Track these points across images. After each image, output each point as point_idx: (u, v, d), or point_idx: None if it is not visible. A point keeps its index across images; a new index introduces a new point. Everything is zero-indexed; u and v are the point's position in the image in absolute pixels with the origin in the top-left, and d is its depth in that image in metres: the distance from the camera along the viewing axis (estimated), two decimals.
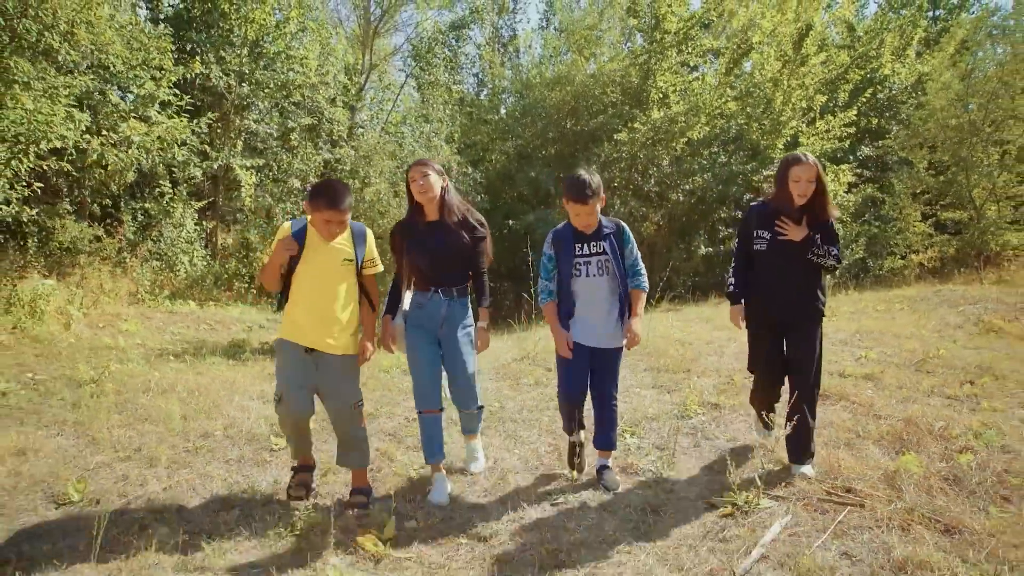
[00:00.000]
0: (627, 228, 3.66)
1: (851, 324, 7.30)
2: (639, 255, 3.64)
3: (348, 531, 3.05)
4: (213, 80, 10.33)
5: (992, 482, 3.37)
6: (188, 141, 8.33)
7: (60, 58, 6.30)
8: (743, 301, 3.74)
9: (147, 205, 10.31)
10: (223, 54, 10.55)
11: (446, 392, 3.63)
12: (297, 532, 3.05)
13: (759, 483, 3.27)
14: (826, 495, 3.29)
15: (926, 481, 3.35)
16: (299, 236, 3.25)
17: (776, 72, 12.35)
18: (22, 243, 6.98)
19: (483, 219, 3.61)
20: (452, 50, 13.34)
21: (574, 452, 3.69)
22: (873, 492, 3.26)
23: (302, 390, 3.21)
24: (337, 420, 3.32)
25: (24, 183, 6.02)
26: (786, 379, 3.70)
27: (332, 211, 3.14)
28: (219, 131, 9.77)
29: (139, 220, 10.15)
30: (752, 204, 3.84)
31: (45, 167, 6.35)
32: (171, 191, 10.08)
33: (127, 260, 8.91)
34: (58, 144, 5.93)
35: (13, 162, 5.76)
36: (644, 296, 3.63)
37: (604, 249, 3.54)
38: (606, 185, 12.75)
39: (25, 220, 6.37)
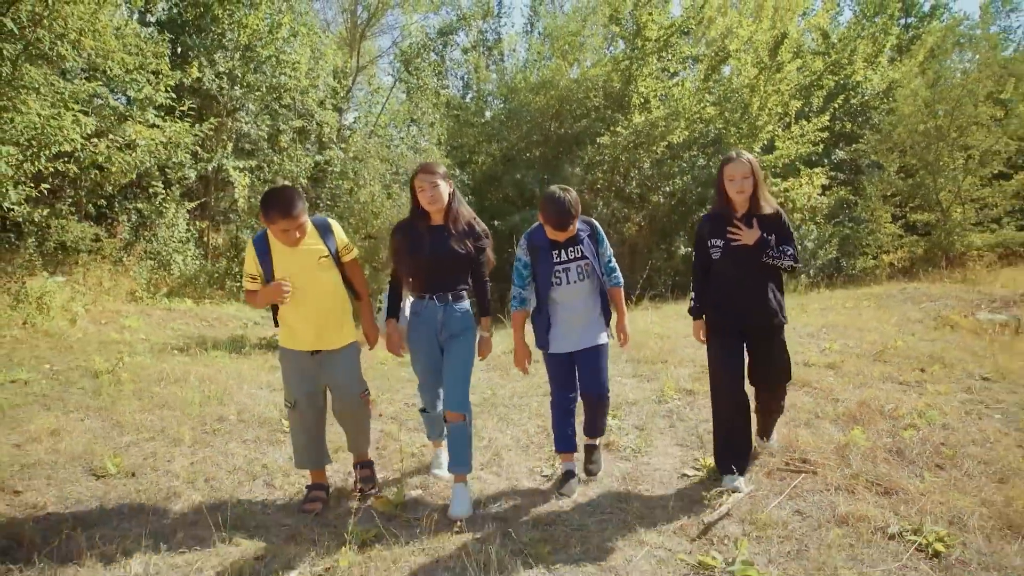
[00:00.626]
0: (599, 227, 3.69)
1: (819, 319, 7.81)
2: (611, 252, 3.70)
3: (364, 498, 3.46)
4: (206, 83, 10.64)
5: (930, 453, 3.84)
6: (191, 144, 8.64)
7: (67, 65, 6.61)
8: (704, 314, 3.72)
9: (140, 205, 10.60)
10: (215, 58, 10.87)
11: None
12: None
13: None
14: (784, 465, 3.74)
15: (872, 452, 3.82)
16: (263, 249, 3.23)
17: (753, 78, 12.90)
18: (25, 242, 7.27)
19: (487, 228, 3.60)
20: (439, 55, 13.73)
21: (566, 479, 3.61)
22: (825, 462, 3.72)
23: (313, 395, 3.33)
24: (344, 411, 3.40)
25: (31, 184, 6.35)
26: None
27: (286, 220, 3.06)
28: (211, 133, 10.07)
29: (133, 220, 10.43)
30: (703, 215, 3.82)
31: (51, 169, 6.65)
32: (163, 192, 10.38)
33: (123, 259, 9.20)
34: (67, 148, 6.27)
35: (25, 164, 6.09)
36: (622, 291, 3.71)
37: (583, 253, 3.53)
38: (589, 187, 13.27)
39: (36, 220, 6.69)
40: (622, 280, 3.70)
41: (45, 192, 6.84)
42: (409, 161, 10.57)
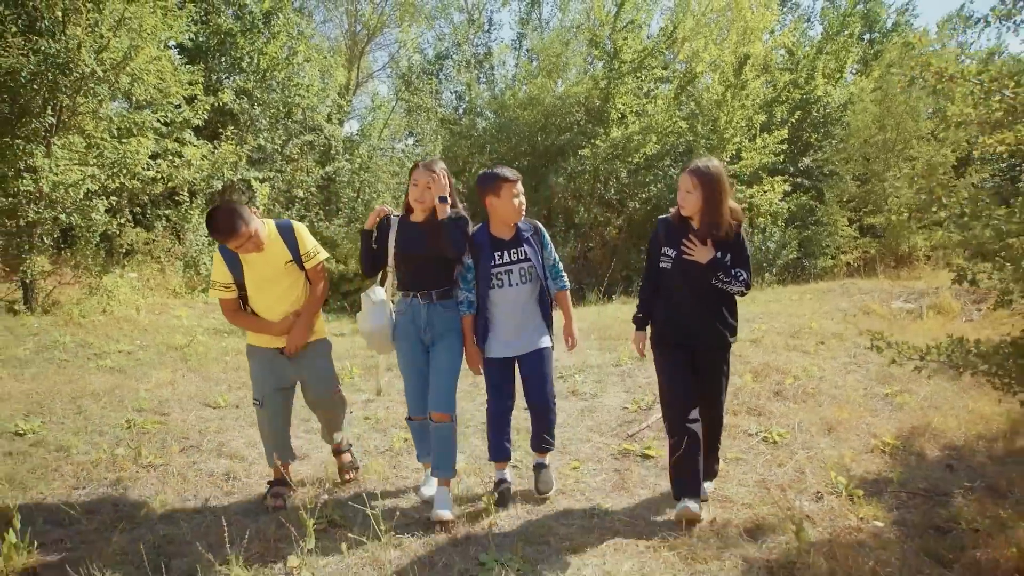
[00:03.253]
0: (543, 229, 3.71)
1: (761, 308, 9.55)
2: (556, 255, 3.75)
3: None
4: (228, 104, 12.29)
5: (799, 393, 5.55)
6: (233, 163, 10.28)
7: (135, 99, 8.27)
8: (648, 324, 3.66)
9: (168, 212, 12.23)
10: (237, 80, 12.52)
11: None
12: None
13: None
14: None
15: (757, 392, 5.53)
16: (230, 256, 3.39)
17: (720, 95, 14.68)
18: (99, 246, 8.89)
19: (466, 217, 3.58)
20: (435, 75, 15.42)
21: (503, 496, 3.61)
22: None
23: (279, 392, 3.52)
24: (319, 405, 3.65)
25: (112, 200, 8.00)
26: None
27: (232, 239, 3.20)
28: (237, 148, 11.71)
29: (165, 226, 12.05)
30: (659, 217, 3.67)
31: (121, 185, 8.31)
32: (188, 200, 12.00)
33: (163, 259, 10.84)
34: (141, 170, 7.92)
35: (108, 182, 7.75)
36: (568, 295, 3.78)
37: (526, 255, 3.54)
38: (572, 194, 15.02)
39: (115, 228, 8.34)
40: (568, 283, 3.77)
41: (114, 203, 8.48)
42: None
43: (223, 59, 12.79)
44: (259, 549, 3.08)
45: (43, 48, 6.98)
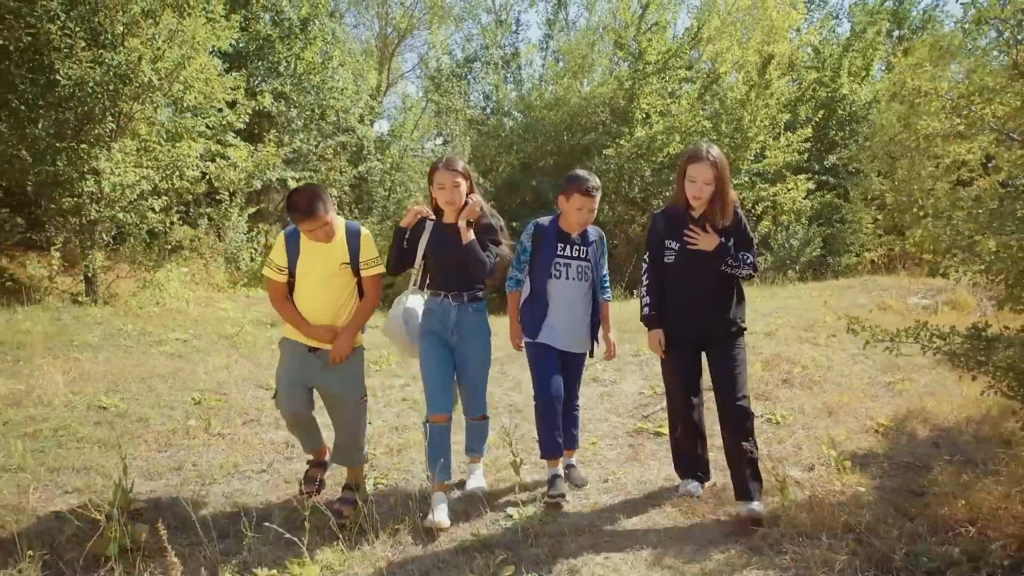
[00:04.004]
0: (605, 240, 3.86)
1: (779, 303, 9.95)
2: (607, 270, 3.90)
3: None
4: (267, 106, 12.97)
5: (806, 381, 5.99)
6: (276, 164, 10.96)
7: (185, 104, 8.95)
8: (661, 322, 3.58)
9: (208, 210, 12.95)
10: (275, 84, 13.21)
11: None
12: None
13: None
14: None
15: (765, 379, 5.98)
16: (293, 243, 3.40)
17: (744, 95, 15.02)
18: (151, 242, 9.61)
19: (502, 223, 3.68)
20: (464, 79, 16.00)
21: (552, 484, 3.67)
22: None
23: (296, 388, 3.44)
24: (339, 416, 3.47)
25: (164, 199, 8.71)
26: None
27: (308, 221, 3.21)
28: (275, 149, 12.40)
29: (207, 224, 12.79)
30: (656, 212, 3.71)
31: (173, 185, 8.99)
32: (228, 199, 12.71)
33: (206, 255, 11.55)
34: (193, 172, 8.61)
35: (162, 184, 8.44)
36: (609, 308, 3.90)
37: (587, 256, 3.68)
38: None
39: (166, 226, 9.05)
40: (611, 297, 3.95)
41: (166, 203, 9.18)
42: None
43: (261, 64, 13.49)
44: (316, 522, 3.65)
45: (107, 60, 7.66)
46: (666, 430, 4.97)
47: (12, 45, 7.45)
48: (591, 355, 3.88)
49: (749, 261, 3.43)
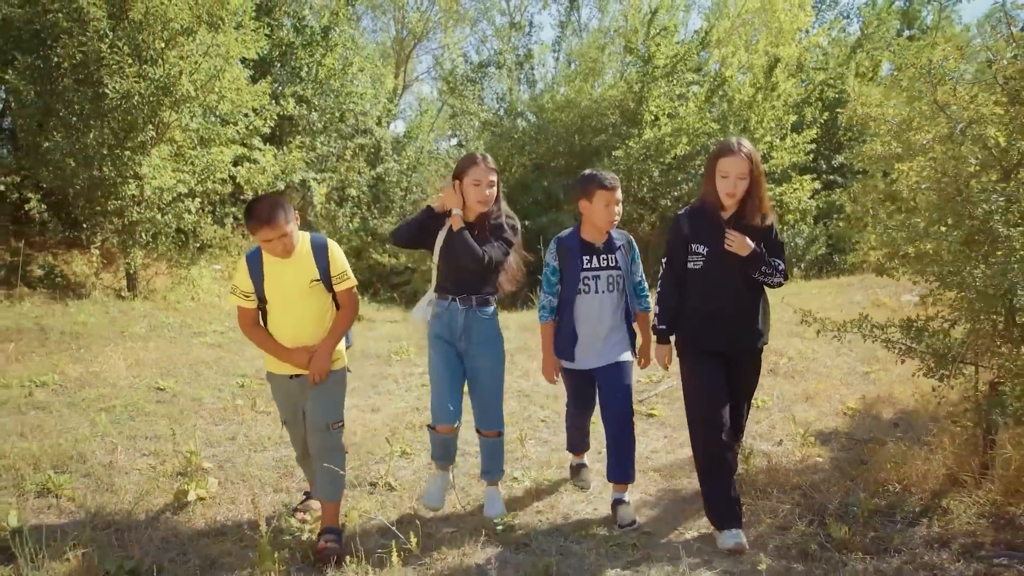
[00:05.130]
0: (635, 243, 3.68)
1: (776, 299, 10.54)
2: (643, 274, 3.69)
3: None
4: (289, 111, 13.75)
5: (790, 371, 6.64)
6: (301, 169, 11.74)
7: (214, 111, 9.72)
8: (672, 335, 3.43)
9: (233, 209, 13.75)
10: (297, 89, 13.98)
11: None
12: None
13: None
14: None
15: None
16: (256, 265, 3.21)
17: (750, 97, 15.61)
18: (187, 240, 10.41)
19: (517, 224, 3.60)
20: (478, 83, 16.71)
21: (577, 473, 4.03)
22: None
23: (294, 421, 3.41)
24: (313, 441, 3.25)
25: (199, 200, 9.52)
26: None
27: (265, 229, 3.02)
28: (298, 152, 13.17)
29: (233, 223, 13.58)
30: (679, 213, 3.45)
31: (206, 188, 9.76)
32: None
33: (234, 253, 12.34)
34: (225, 175, 9.42)
35: (198, 186, 9.24)
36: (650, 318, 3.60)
37: (616, 263, 3.51)
38: None
39: (201, 226, 9.85)
40: (650, 306, 3.62)
41: (200, 204, 9.98)
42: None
43: (284, 69, 14.26)
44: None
45: (149, 74, 8.44)
46: (657, 412, 5.64)
47: (66, 62, 8.23)
48: (638, 364, 3.71)
49: (781, 268, 3.24)
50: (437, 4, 19.38)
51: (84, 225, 9.76)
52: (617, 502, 3.58)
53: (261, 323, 3.35)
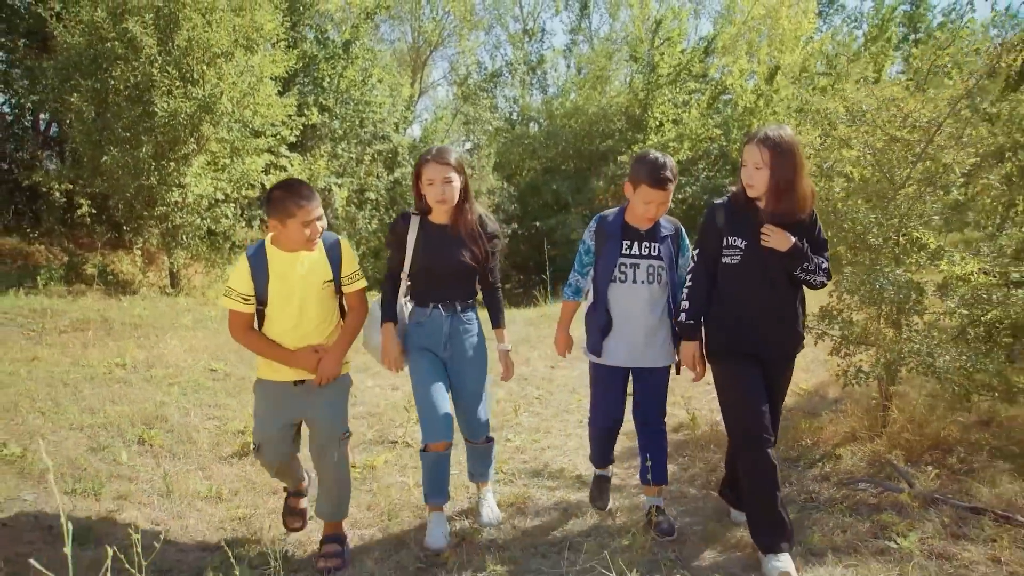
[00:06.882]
0: (685, 233, 3.38)
1: None
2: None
3: None
4: (313, 120, 14.94)
5: None
6: (324, 175, 12.94)
7: (248, 124, 10.93)
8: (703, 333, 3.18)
9: (259, 212, 14.96)
10: (320, 99, 15.18)
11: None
12: None
13: None
14: None
15: None
16: (260, 265, 3.03)
17: (752, 103, 16.61)
18: (221, 242, 11.63)
19: (498, 227, 3.44)
20: (490, 92, 17.85)
21: (599, 487, 3.64)
22: None
23: (284, 430, 3.15)
24: (324, 453, 3.11)
25: (233, 205, 10.76)
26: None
27: (313, 205, 2.91)
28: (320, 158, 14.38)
29: (259, 225, 14.80)
30: (715, 202, 3.22)
31: (238, 194, 10.96)
32: None
33: None
34: (256, 182, 10.65)
35: (233, 193, 10.46)
36: None
37: (659, 253, 3.23)
38: (613, 195, 17.20)
39: (235, 228, 11.07)
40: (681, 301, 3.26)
41: (235, 208, 11.19)
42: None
43: (307, 80, 15.46)
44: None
45: (193, 94, 9.65)
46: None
47: (121, 84, 9.43)
48: (677, 372, 3.42)
49: (825, 267, 3.03)
50: (453, 13, 20.52)
51: (125, 228, 10.99)
52: (655, 509, 3.42)
53: (255, 327, 3.16)
